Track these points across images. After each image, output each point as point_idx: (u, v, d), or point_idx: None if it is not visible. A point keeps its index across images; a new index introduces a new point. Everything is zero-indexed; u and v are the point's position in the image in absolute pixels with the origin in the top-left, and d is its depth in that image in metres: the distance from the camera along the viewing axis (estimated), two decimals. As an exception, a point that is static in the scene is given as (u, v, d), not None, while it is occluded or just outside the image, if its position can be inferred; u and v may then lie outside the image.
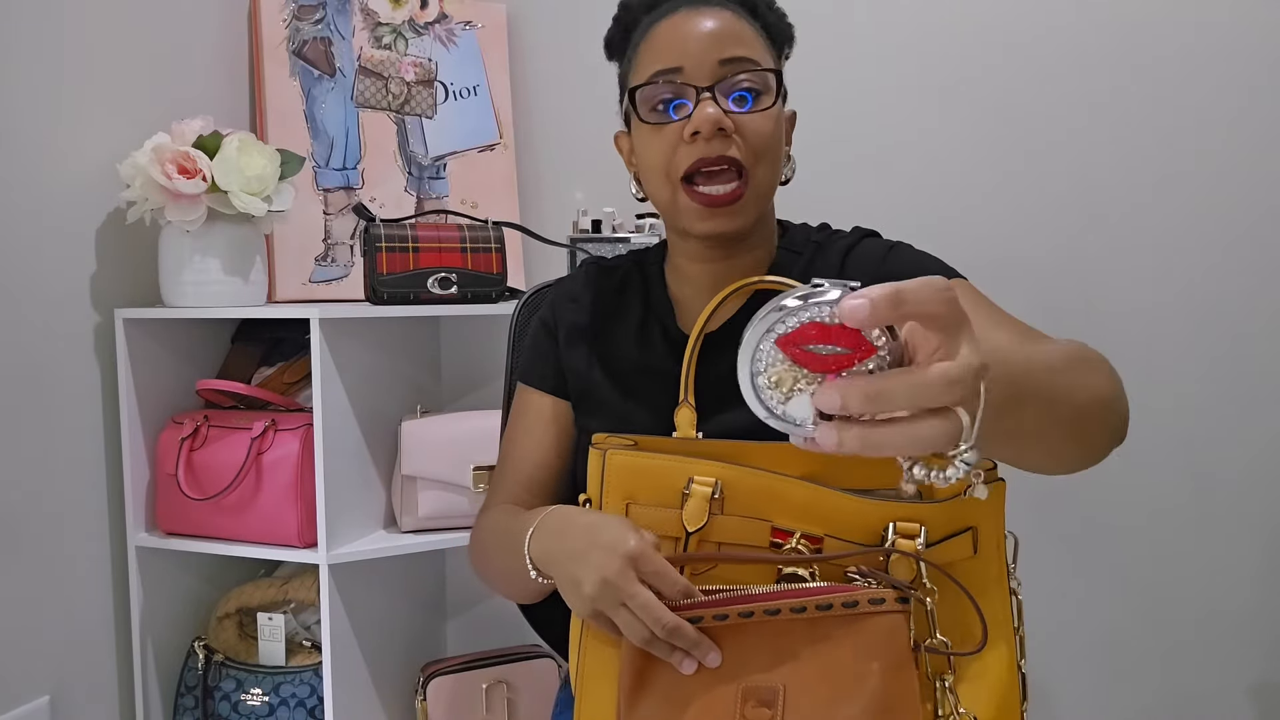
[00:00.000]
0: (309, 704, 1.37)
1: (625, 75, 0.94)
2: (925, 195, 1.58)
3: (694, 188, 0.85)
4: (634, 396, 0.93)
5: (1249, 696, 1.52)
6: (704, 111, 0.83)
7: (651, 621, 0.70)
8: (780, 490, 0.76)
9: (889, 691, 0.67)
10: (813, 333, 0.46)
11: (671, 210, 0.89)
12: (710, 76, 0.84)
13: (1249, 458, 1.50)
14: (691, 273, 0.96)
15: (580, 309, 0.99)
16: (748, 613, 0.70)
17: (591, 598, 0.73)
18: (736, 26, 0.86)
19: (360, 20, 1.65)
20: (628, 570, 0.71)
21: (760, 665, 0.70)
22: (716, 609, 0.71)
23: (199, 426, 1.37)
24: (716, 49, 0.85)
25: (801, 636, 0.70)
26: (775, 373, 0.48)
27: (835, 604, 0.69)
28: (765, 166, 0.86)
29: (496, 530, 0.95)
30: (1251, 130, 1.47)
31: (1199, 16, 1.47)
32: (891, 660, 0.68)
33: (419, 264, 1.37)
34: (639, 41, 0.90)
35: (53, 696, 1.25)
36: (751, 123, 0.85)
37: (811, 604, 0.70)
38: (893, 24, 1.58)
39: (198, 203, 1.30)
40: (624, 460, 0.80)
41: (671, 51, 0.85)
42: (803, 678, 0.69)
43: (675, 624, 0.70)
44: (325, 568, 1.31)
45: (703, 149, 0.84)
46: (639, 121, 0.88)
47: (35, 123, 1.24)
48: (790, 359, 0.47)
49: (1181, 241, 1.50)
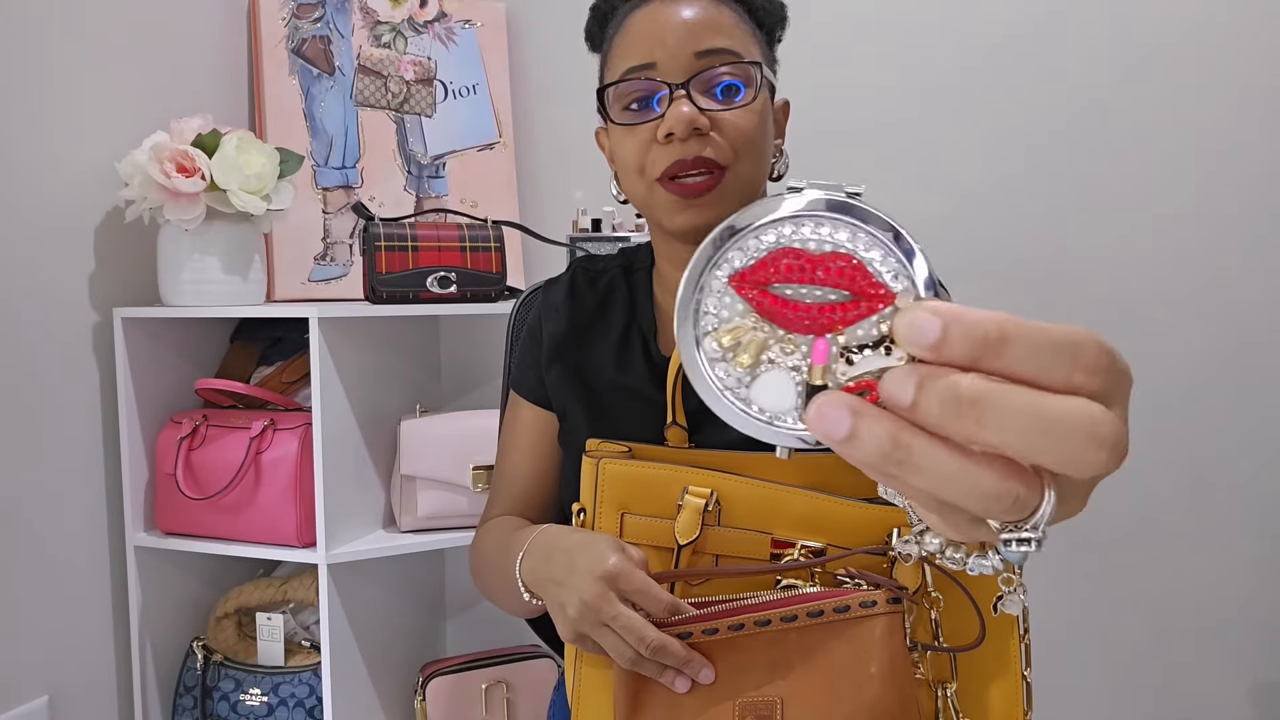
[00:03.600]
0: (308, 704, 1.36)
1: (601, 69, 0.89)
2: (923, 194, 1.58)
3: (670, 180, 0.81)
4: (611, 416, 0.90)
5: (1249, 698, 1.52)
6: (678, 111, 0.77)
7: (636, 641, 0.68)
8: (780, 500, 0.74)
9: (888, 694, 0.66)
10: (787, 263, 0.30)
11: (648, 205, 0.84)
12: (685, 71, 0.79)
13: (1249, 458, 1.50)
14: (674, 281, 0.91)
15: (561, 320, 0.95)
16: (738, 625, 0.69)
17: (574, 621, 0.71)
18: (715, 14, 0.80)
19: (359, 19, 1.64)
20: (607, 592, 0.69)
21: (756, 679, 0.69)
22: (705, 623, 0.69)
23: (198, 426, 1.37)
24: (692, 40, 0.79)
25: (795, 646, 0.69)
26: (728, 331, 0.31)
27: (827, 610, 0.68)
28: (746, 162, 0.81)
29: (492, 549, 0.93)
30: (1253, 129, 1.47)
31: (1199, 13, 1.47)
32: (888, 662, 0.67)
33: (418, 263, 1.37)
34: (613, 34, 0.85)
35: (51, 696, 1.25)
36: (730, 119, 0.79)
37: (803, 611, 0.68)
38: (890, 21, 1.58)
39: (196, 201, 1.29)
40: (618, 470, 0.78)
41: (644, 45, 0.80)
42: (800, 688, 0.68)
43: (660, 642, 0.68)
44: (324, 567, 1.31)
45: (679, 150, 0.78)
46: (611, 122, 0.84)
47: (34, 121, 1.24)
48: (754, 309, 0.30)
49: (1181, 241, 1.50)
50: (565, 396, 0.93)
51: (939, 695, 0.72)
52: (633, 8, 0.84)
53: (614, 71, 0.83)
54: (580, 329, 0.95)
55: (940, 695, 0.72)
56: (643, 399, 0.88)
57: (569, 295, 0.97)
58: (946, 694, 0.71)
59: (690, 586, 0.75)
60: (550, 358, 0.95)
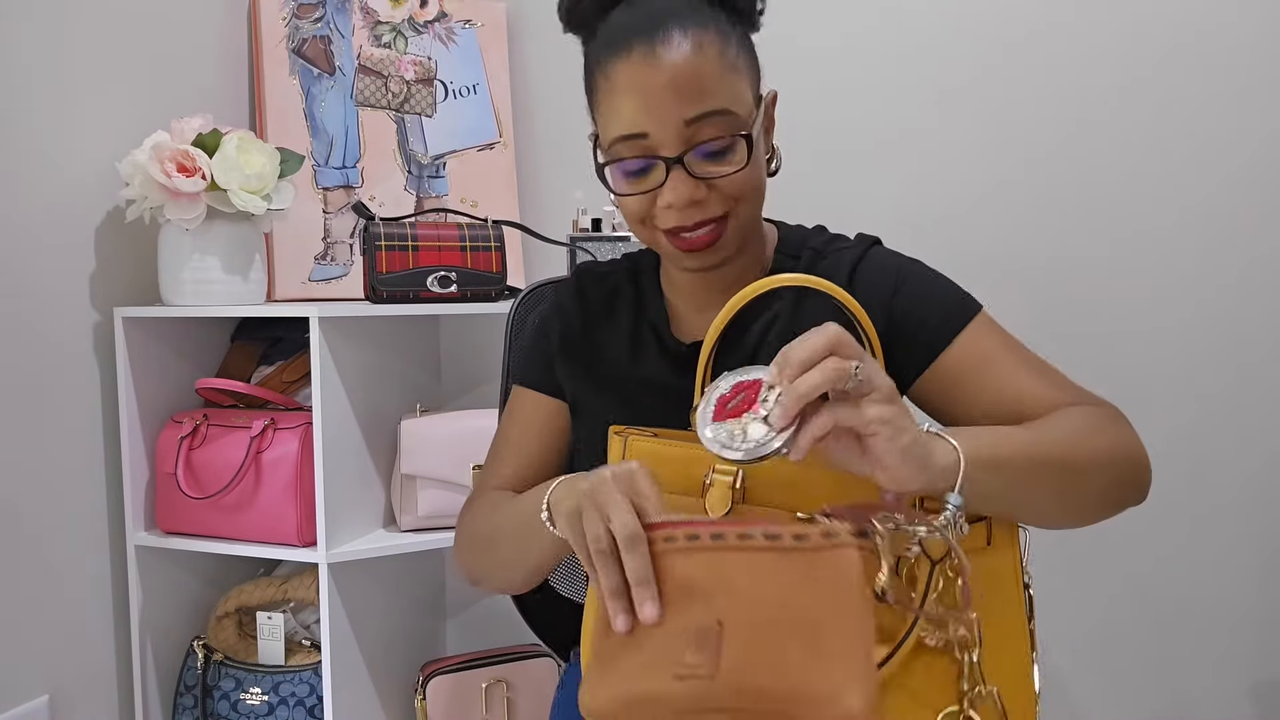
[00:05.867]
0: (308, 703, 1.37)
1: (588, 90, 0.89)
2: (922, 194, 1.58)
3: (673, 234, 0.84)
4: (630, 408, 0.90)
5: (1249, 696, 1.52)
6: (675, 188, 0.80)
7: (619, 526, 0.66)
8: (805, 479, 0.73)
9: (838, 630, 0.62)
10: (727, 399, 0.68)
11: (654, 246, 0.88)
12: (678, 143, 0.80)
13: (1249, 457, 1.50)
14: (682, 281, 0.94)
15: (571, 319, 0.97)
16: (693, 535, 0.66)
17: (577, 499, 0.69)
18: (699, 60, 0.79)
19: (360, 19, 1.65)
20: (612, 483, 0.68)
21: (702, 596, 0.65)
22: (665, 530, 0.66)
23: (198, 425, 1.37)
24: (681, 106, 0.79)
25: (744, 566, 0.64)
26: (725, 431, 0.66)
27: (785, 535, 0.64)
28: (746, 206, 0.84)
29: (492, 509, 0.93)
30: (1257, 132, 1.47)
31: (1207, 18, 1.47)
32: (843, 597, 0.62)
33: (418, 263, 1.37)
34: (596, 71, 0.85)
35: (52, 695, 1.25)
36: (727, 180, 0.81)
37: (760, 533, 0.64)
38: (890, 22, 1.58)
39: (197, 201, 1.29)
40: (647, 446, 0.79)
41: (633, 113, 0.80)
42: (743, 613, 0.64)
43: (636, 532, 0.65)
44: (325, 567, 1.31)
45: (678, 217, 0.82)
46: (611, 195, 0.86)
47: (34, 121, 1.24)
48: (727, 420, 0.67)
49: (1182, 242, 1.50)
50: (580, 389, 0.95)
51: (965, 661, 0.70)
52: (614, 54, 0.81)
53: (604, 125, 0.84)
54: (590, 325, 0.97)
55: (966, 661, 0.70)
56: (660, 387, 0.89)
57: (577, 294, 0.99)
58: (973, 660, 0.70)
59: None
60: (563, 353, 0.97)
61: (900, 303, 0.86)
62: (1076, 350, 1.52)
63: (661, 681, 0.64)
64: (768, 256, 0.94)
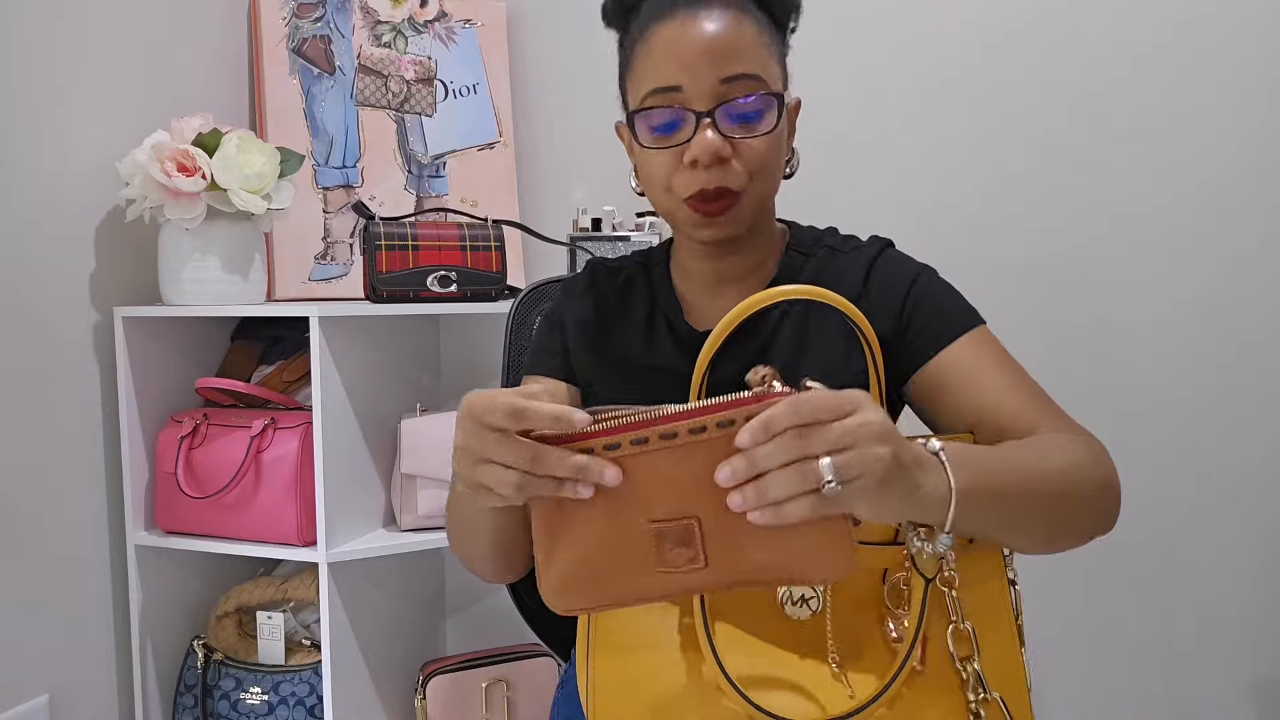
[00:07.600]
0: (308, 703, 1.37)
1: (623, 71, 0.92)
2: (923, 193, 1.58)
3: (693, 201, 0.86)
4: (642, 395, 0.90)
5: (1249, 696, 1.52)
6: (703, 140, 0.83)
7: (515, 460, 0.62)
8: None
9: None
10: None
11: (672, 217, 0.91)
12: (710, 98, 0.83)
13: (1249, 456, 1.50)
14: (695, 270, 0.97)
15: (585, 306, 0.99)
16: (641, 439, 0.62)
17: (462, 474, 0.65)
18: (736, 32, 0.84)
19: (360, 18, 1.65)
20: (476, 427, 0.63)
21: (669, 498, 0.63)
22: (607, 438, 0.63)
23: (198, 425, 1.37)
24: (717, 66, 0.82)
25: (704, 460, 0.61)
26: None
27: (739, 419, 0.60)
28: (760, 184, 0.87)
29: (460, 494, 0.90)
30: (1256, 125, 1.47)
31: (1199, 8, 1.47)
32: None
33: (418, 262, 1.37)
34: (637, 42, 0.88)
35: (52, 695, 1.25)
36: (750, 145, 0.84)
37: (712, 423, 0.61)
38: (890, 18, 1.58)
39: (197, 201, 1.29)
40: None
41: (670, 67, 0.83)
42: (717, 503, 0.61)
43: (537, 451, 0.62)
44: (324, 566, 1.31)
45: (702, 179, 0.84)
46: (638, 145, 0.88)
47: (34, 120, 1.24)
48: None
49: (1183, 239, 1.50)
50: (594, 377, 0.97)
51: (964, 672, 0.71)
52: (656, 19, 0.86)
53: (638, 86, 0.87)
54: (604, 316, 0.99)
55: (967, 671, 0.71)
56: (673, 374, 0.91)
57: (590, 287, 1.01)
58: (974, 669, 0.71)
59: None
60: (576, 338, 0.98)
61: (911, 303, 0.89)
62: (1072, 342, 1.53)
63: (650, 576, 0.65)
64: (780, 251, 0.96)
